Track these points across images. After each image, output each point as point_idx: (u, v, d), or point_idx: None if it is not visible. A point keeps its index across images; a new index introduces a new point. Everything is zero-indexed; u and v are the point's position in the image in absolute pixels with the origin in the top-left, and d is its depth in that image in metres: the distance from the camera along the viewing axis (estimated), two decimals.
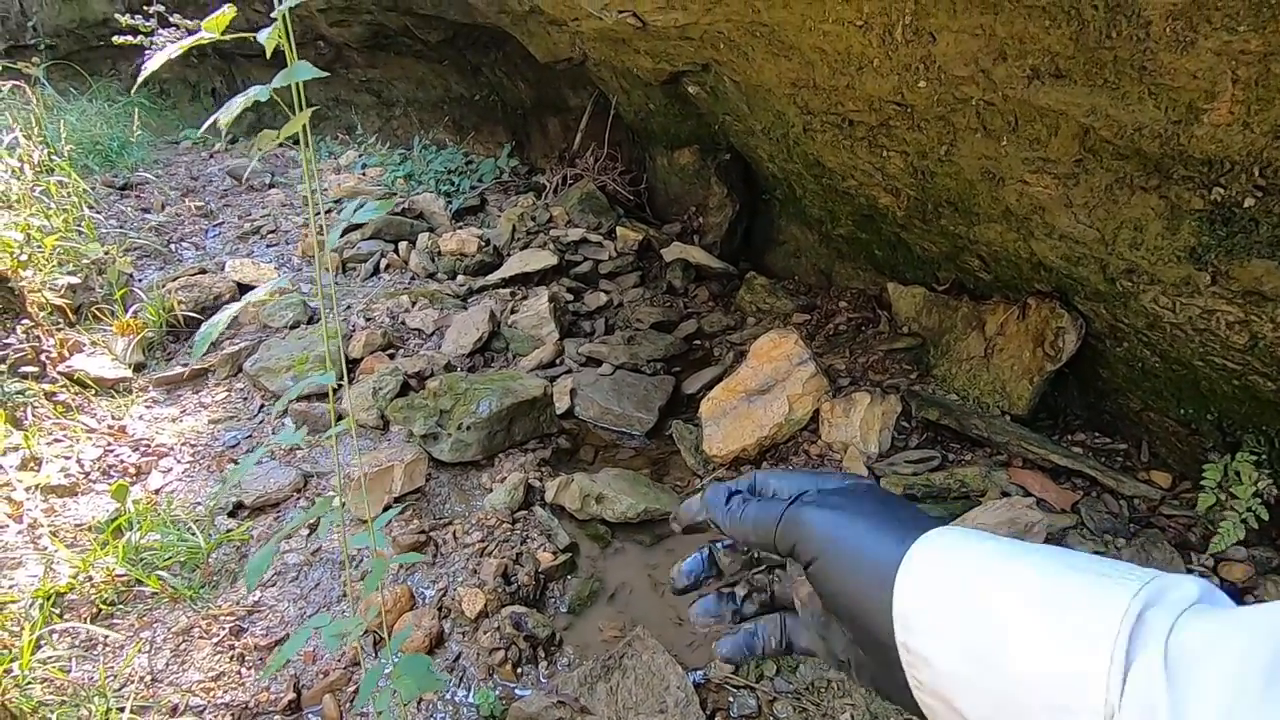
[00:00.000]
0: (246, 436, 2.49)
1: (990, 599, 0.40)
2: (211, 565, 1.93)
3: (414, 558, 1.15)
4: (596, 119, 4.72)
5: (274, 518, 2.11)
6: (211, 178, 5.12)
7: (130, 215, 4.10)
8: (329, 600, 1.87)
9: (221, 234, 4.08)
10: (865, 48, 2.11)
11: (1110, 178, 1.69)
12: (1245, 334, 1.54)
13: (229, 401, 2.69)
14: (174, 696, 1.58)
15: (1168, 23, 1.36)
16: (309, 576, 1.94)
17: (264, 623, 1.79)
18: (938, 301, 2.60)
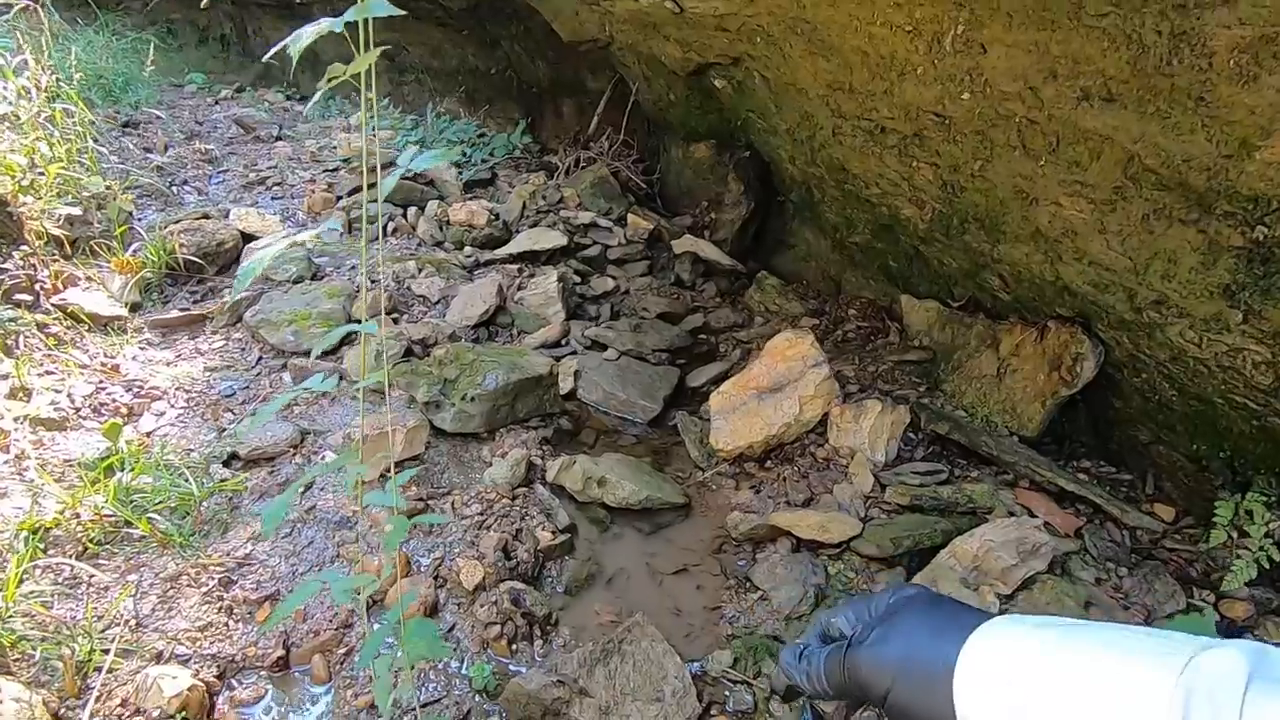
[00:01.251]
0: (243, 387, 2.43)
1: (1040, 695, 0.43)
2: (203, 513, 1.88)
3: (435, 518, 1.12)
4: (613, 105, 4.67)
5: (269, 471, 2.06)
6: (217, 124, 5.00)
7: (133, 153, 3.99)
8: (321, 560, 1.82)
9: (226, 182, 3.98)
10: (910, 54, 2.10)
11: (1149, 207, 1.70)
12: (1271, 375, 1.56)
13: (226, 350, 2.62)
14: (159, 643, 1.53)
15: (1232, 55, 1.36)
16: (302, 534, 1.89)
17: (254, 577, 1.75)
18: (952, 318, 2.61)
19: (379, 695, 1.11)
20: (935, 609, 0.55)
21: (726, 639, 1.72)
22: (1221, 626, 1.61)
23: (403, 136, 4.71)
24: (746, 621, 1.76)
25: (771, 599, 1.79)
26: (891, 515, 1.97)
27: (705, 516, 2.16)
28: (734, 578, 1.90)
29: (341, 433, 2.23)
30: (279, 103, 5.73)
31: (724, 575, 1.93)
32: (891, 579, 1.77)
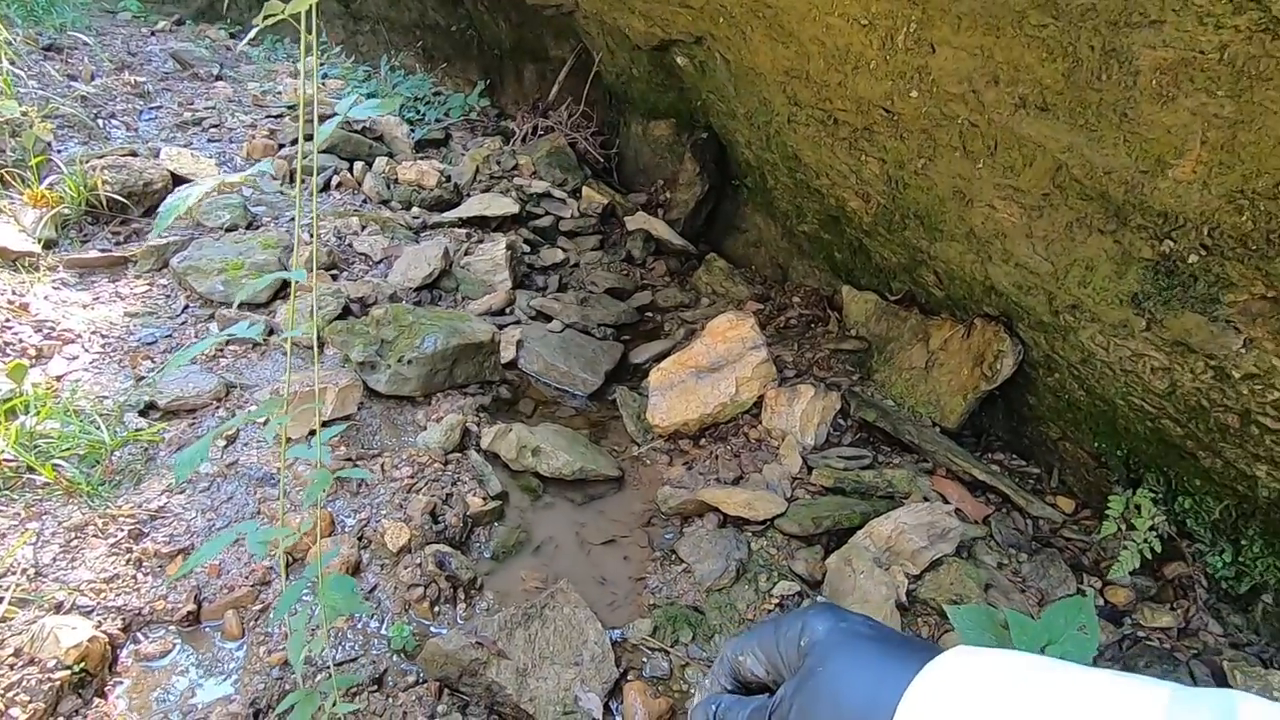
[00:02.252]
0: (166, 335, 2.32)
1: None
2: (114, 464, 1.80)
3: (359, 473, 1.10)
4: (575, 74, 4.60)
5: (189, 423, 1.99)
6: (151, 56, 4.70)
7: (55, 79, 3.72)
8: (241, 516, 1.78)
9: (158, 119, 3.76)
10: (865, 48, 2.14)
11: (1072, 215, 1.79)
12: (1166, 380, 1.67)
13: (149, 296, 2.50)
14: (59, 593, 1.47)
15: (1155, 75, 1.43)
16: (221, 489, 1.84)
17: (168, 530, 1.69)
18: (888, 310, 2.69)
19: (292, 651, 1.10)
20: (859, 647, 0.47)
21: (648, 608, 1.76)
22: (1104, 611, 1.73)
23: (353, 87, 4.53)
24: (669, 592, 1.80)
25: (695, 571, 1.84)
26: (815, 496, 2.04)
27: (637, 490, 2.19)
28: (660, 550, 1.94)
29: (270, 388, 2.16)
30: (222, 40, 5.42)
31: (651, 547, 1.96)
32: (810, 555, 1.84)
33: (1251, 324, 1.48)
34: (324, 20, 6.54)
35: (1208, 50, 1.33)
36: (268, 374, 2.26)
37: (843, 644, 0.48)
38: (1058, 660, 0.39)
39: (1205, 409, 1.62)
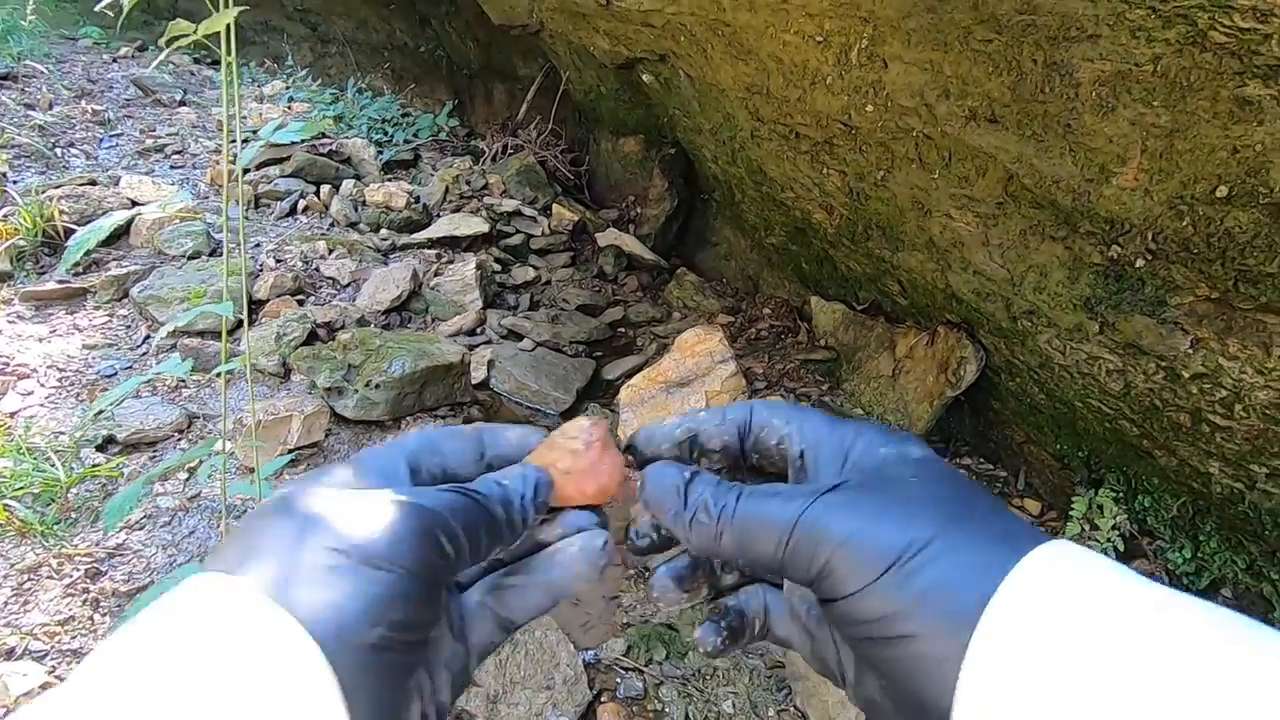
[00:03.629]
0: (126, 368, 2.28)
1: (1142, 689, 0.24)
2: (71, 501, 1.76)
3: None
4: (544, 92, 4.63)
5: (150, 457, 1.95)
6: (113, 83, 4.65)
7: (11, 109, 3.66)
8: (203, 550, 1.74)
9: (119, 146, 3.71)
10: (821, 64, 2.17)
11: (1025, 223, 1.82)
12: (1121, 381, 1.71)
13: (109, 328, 2.46)
14: (10, 638, 1.43)
15: (1095, 87, 1.48)
16: (183, 523, 1.80)
17: (126, 568, 1.65)
18: (855, 320, 2.72)
19: None
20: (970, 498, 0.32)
21: (622, 627, 1.75)
22: None
23: (320, 111, 4.51)
24: (642, 611, 1.79)
25: None
26: None
27: (611, 507, 2.18)
28: (634, 567, 1.93)
29: (233, 418, 2.13)
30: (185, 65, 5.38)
31: (625, 565, 1.95)
32: None
33: (1198, 325, 1.52)
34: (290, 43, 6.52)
35: (1142, 63, 1.38)
36: (232, 403, 2.22)
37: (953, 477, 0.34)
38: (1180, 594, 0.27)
39: (1158, 408, 1.66)
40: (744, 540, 0.35)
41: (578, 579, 0.38)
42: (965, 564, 0.29)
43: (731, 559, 0.36)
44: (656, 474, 0.38)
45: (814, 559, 0.32)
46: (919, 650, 0.29)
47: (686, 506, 0.36)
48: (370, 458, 0.37)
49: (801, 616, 0.39)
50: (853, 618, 0.31)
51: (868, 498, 0.33)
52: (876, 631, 0.30)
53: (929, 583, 0.29)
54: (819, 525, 0.32)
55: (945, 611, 0.29)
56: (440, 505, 0.34)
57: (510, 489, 0.37)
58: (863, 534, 0.31)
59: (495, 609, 0.38)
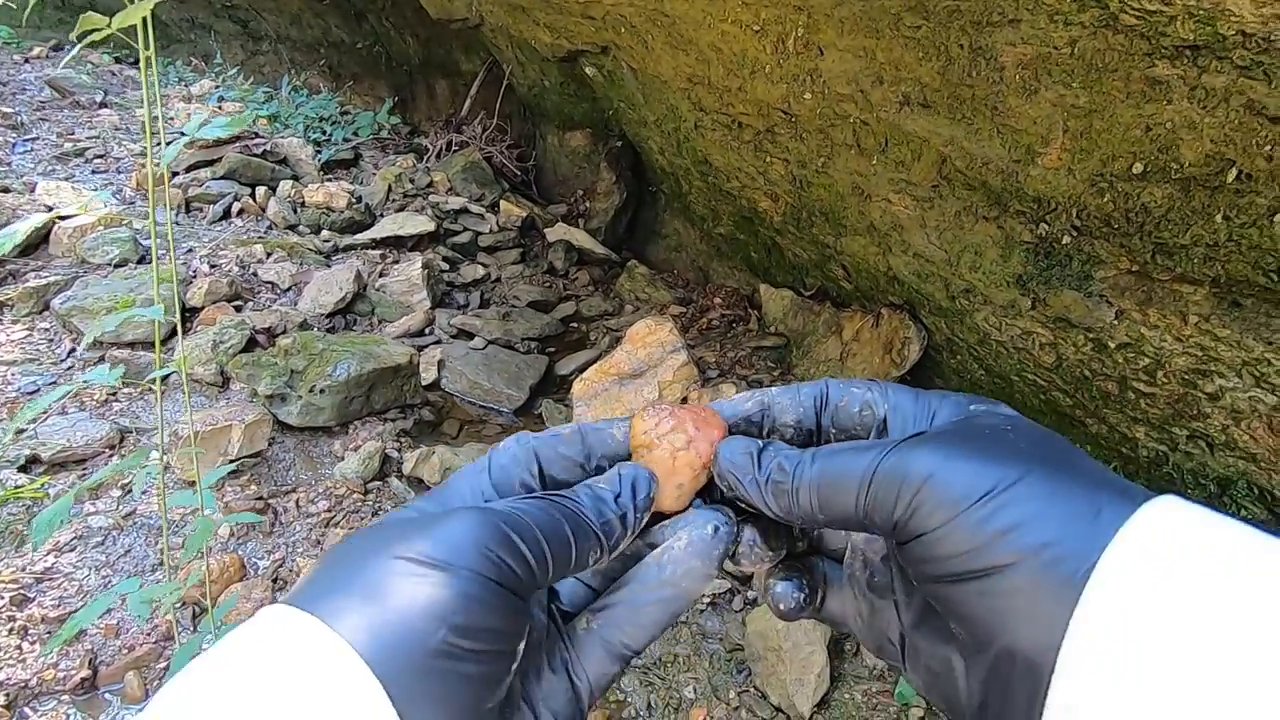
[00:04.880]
0: (50, 383, 2.17)
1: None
2: None
3: (248, 518, 1.05)
4: (488, 87, 4.56)
5: (79, 475, 1.86)
6: (25, 85, 4.40)
7: None
8: (141, 569, 1.67)
9: (34, 151, 3.51)
10: (759, 53, 2.19)
11: (959, 205, 1.88)
12: (1053, 354, 1.77)
13: (30, 342, 2.33)
14: None
15: (1018, 70, 1.52)
16: (118, 542, 1.72)
17: (56, 592, 1.57)
18: (804, 305, 2.77)
19: None
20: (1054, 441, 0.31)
21: None
22: None
23: (252, 110, 4.36)
24: None
25: None
26: None
27: None
28: None
29: (169, 430, 2.04)
30: (105, 65, 5.12)
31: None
32: None
33: (1121, 297, 1.59)
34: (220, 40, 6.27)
35: (1060, 46, 1.43)
36: (167, 415, 2.13)
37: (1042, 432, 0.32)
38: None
39: (1088, 379, 1.73)
40: (824, 493, 0.32)
41: (692, 577, 0.34)
42: (1065, 501, 0.27)
43: (811, 517, 0.33)
44: (728, 445, 0.36)
45: (899, 499, 0.30)
46: (1010, 587, 0.27)
47: (761, 470, 0.34)
48: (454, 485, 0.35)
49: (862, 584, 0.37)
50: (937, 555, 0.29)
51: (955, 439, 0.31)
52: (962, 566, 0.28)
53: (1022, 516, 0.27)
54: (903, 464, 0.30)
55: (1040, 545, 0.26)
56: (515, 509, 0.31)
57: (601, 489, 0.34)
58: (949, 468, 0.29)
59: (603, 633, 0.34)
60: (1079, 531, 0.26)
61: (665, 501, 0.36)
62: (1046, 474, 0.28)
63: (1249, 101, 1.22)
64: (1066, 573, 0.26)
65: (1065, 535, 0.26)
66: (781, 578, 0.37)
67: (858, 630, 0.38)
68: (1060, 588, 0.25)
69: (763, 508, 0.35)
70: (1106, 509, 0.26)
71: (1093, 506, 0.27)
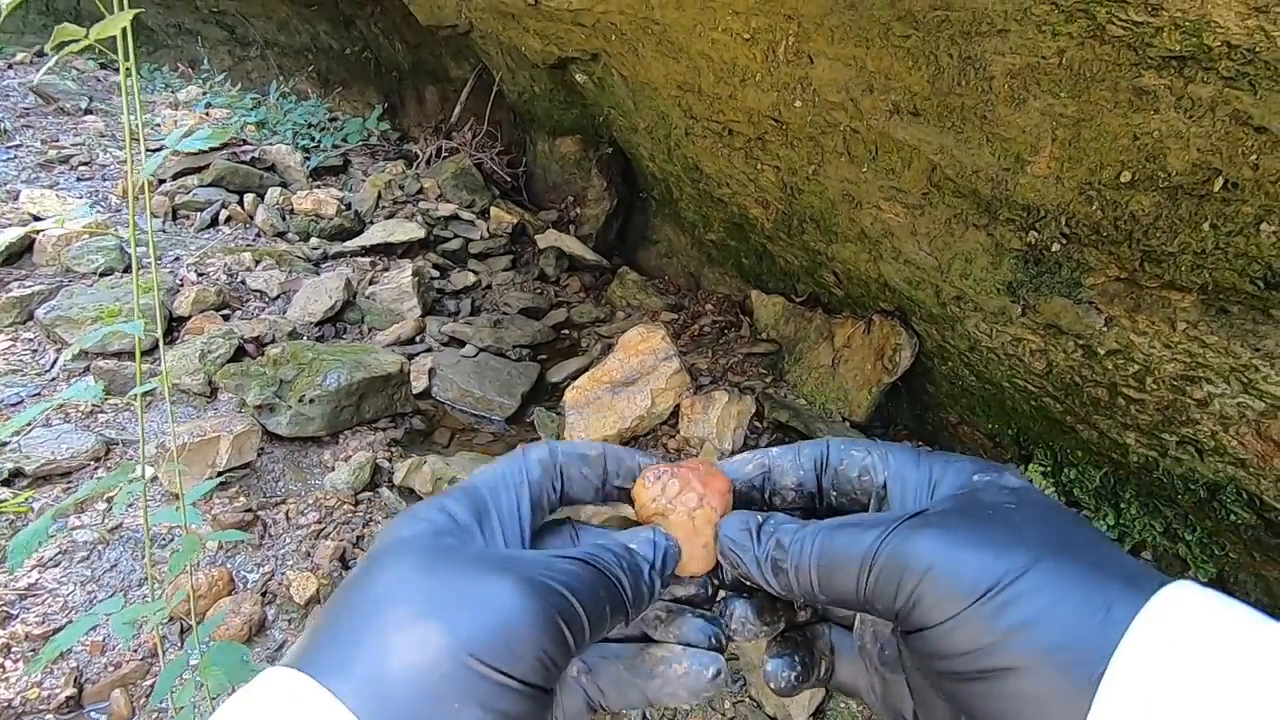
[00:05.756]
0: (34, 395, 2.13)
1: None
2: None
3: (234, 535, 1.03)
4: (478, 94, 4.55)
5: (64, 489, 1.83)
6: (9, 92, 4.35)
7: None
8: (127, 584, 1.65)
9: (18, 158, 3.47)
10: (750, 61, 2.20)
11: (950, 212, 1.89)
12: (1043, 361, 1.78)
13: (13, 353, 2.29)
14: None
15: (1007, 79, 1.54)
16: (103, 557, 1.69)
17: (40, 609, 1.54)
18: (795, 312, 2.77)
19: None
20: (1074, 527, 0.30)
21: None
22: None
23: (240, 116, 4.33)
24: None
25: None
26: None
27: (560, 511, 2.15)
28: None
29: (156, 443, 2.02)
30: (90, 71, 5.08)
31: None
32: None
33: (1110, 304, 1.60)
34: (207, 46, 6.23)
35: (1048, 55, 1.44)
36: (154, 427, 2.11)
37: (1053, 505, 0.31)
38: None
39: (1079, 385, 1.74)
40: (824, 574, 0.32)
41: (678, 700, 0.35)
42: (1075, 595, 0.26)
43: (812, 596, 0.33)
44: (727, 523, 0.36)
45: (900, 588, 0.29)
46: (1021, 689, 0.26)
47: (761, 546, 0.34)
48: (489, 492, 0.34)
49: (874, 657, 0.36)
50: (942, 651, 0.28)
51: (958, 522, 0.30)
52: (969, 665, 0.27)
53: (1031, 613, 0.26)
54: (904, 551, 0.29)
55: (1052, 646, 0.26)
56: (565, 583, 0.30)
57: (639, 557, 0.34)
58: (952, 558, 0.28)
59: (588, 689, 0.35)
60: (1091, 630, 0.25)
61: (694, 565, 0.36)
62: (1055, 565, 0.27)
63: (1235, 111, 1.24)
64: (1080, 675, 0.25)
65: (1077, 635, 0.26)
66: (774, 655, 0.37)
67: (871, 702, 0.37)
68: (1075, 692, 0.25)
69: (764, 585, 0.34)
70: (1117, 604, 0.26)
71: (1104, 601, 0.26)
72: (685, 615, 0.36)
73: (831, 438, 0.38)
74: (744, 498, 0.37)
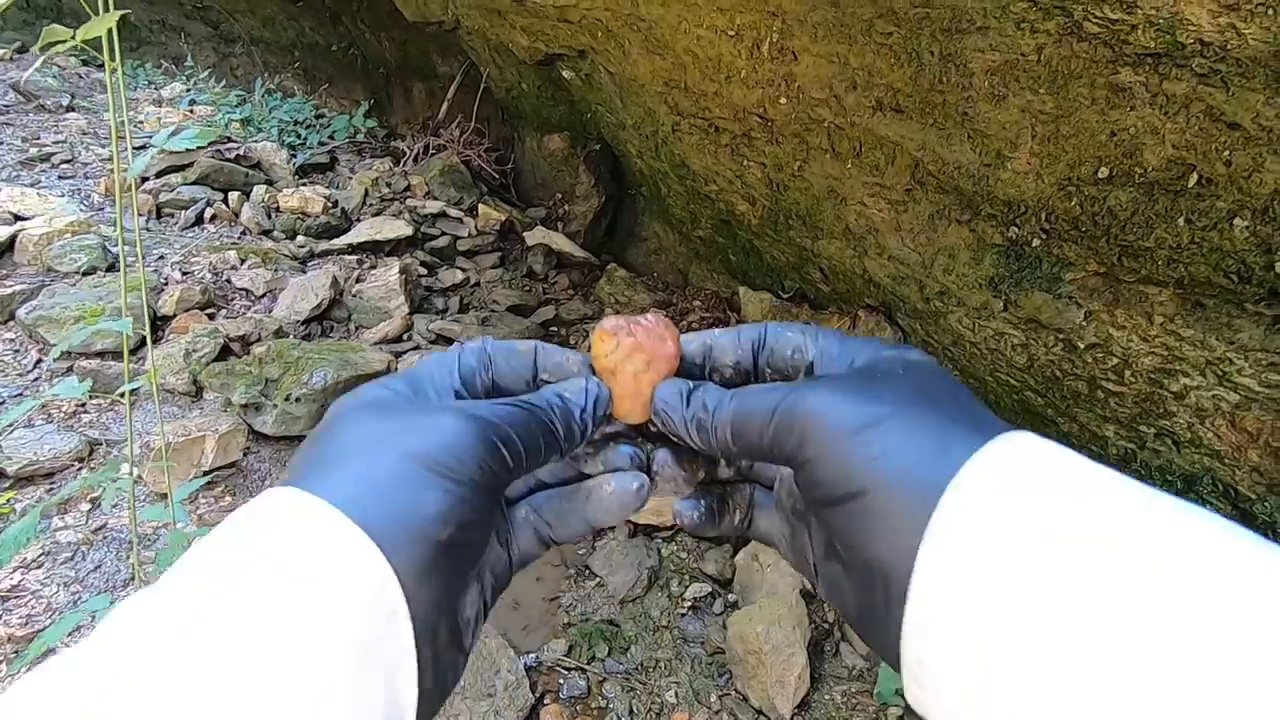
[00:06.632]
0: (16, 395, 2.12)
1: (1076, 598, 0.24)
2: None
3: None
4: (465, 90, 4.54)
5: (47, 490, 1.82)
6: None
7: None
8: (111, 585, 1.64)
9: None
10: (734, 58, 2.21)
11: (933, 208, 1.90)
12: (1025, 355, 1.80)
13: None
14: None
15: (987, 77, 1.55)
16: (87, 558, 1.68)
17: (23, 610, 1.54)
18: (782, 308, 2.78)
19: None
20: (948, 384, 0.35)
21: (563, 627, 1.74)
22: None
23: (225, 114, 4.29)
24: (583, 609, 1.79)
25: (608, 584, 1.84)
26: None
27: None
28: (573, 567, 1.93)
29: (141, 442, 2.01)
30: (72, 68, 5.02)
31: (564, 565, 1.95)
32: (719, 555, 1.87)
33: (1089, 298, 1.62)
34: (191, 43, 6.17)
35: (1027, 53, 1.45)
36: (139, 426, 2.09)
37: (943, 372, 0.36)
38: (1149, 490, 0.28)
39: (1059, 379, 1.76)
40: (737, 428, 0.37)
41: (610, 516, 0.41)
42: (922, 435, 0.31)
43: (727, 448, 0.38)
44: (663, 388, 0.41)
45: (792, 431, 0.34)
46: (870, 507, 0.31)
47: (689, 408, 0.39)
48: (425, 372, 0.39)
49: (788, 510, 0.42)
50: (817, 480, 0.33)
51: (849, 382, 0.35)
52: (836, 490, 0.32)
53: (885, 447, 0.31)
54: (799, 402, 0.34)
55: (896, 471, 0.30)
56: (502, 418, 0.35)
57: (570, 403, 0.39)
58: (834, 406, 0.33)
59: (536, 525, 0.41)
60: (931, 460, 0.30)
61: (633, 416, 0.41)
62: (915, 411, 0.32)
63: (1208, 108, 1.26)
64: (918, 496, 0.29)
65: (919, 463, 0.30)
66: (684, 498, 0.42)
67: (784, 550, 0.42)
68: (914, 509, 0.29)
69: (688, 440, 0.39)
70: (958, 441, 0.30)
71: (946, 439, 0.30)
72: (611, 445, 0.42)
73: (770, 322, 0.43)
74: (685, 373, 0.42)
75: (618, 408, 0.41)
